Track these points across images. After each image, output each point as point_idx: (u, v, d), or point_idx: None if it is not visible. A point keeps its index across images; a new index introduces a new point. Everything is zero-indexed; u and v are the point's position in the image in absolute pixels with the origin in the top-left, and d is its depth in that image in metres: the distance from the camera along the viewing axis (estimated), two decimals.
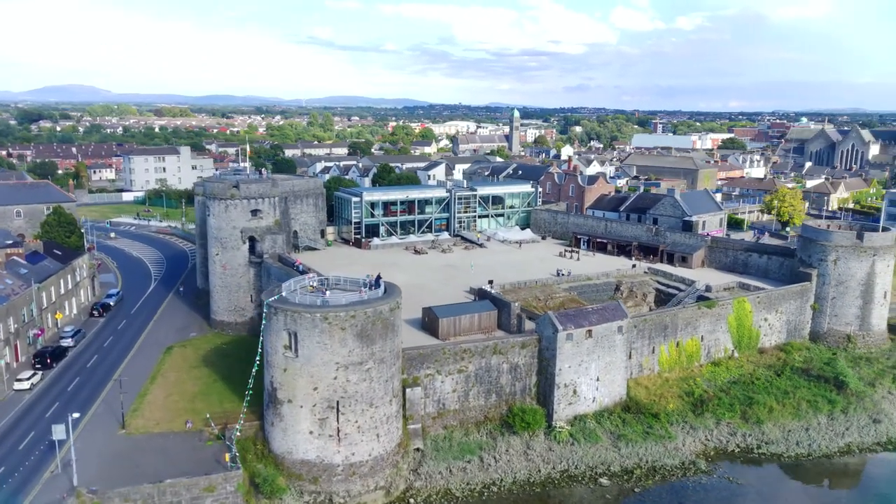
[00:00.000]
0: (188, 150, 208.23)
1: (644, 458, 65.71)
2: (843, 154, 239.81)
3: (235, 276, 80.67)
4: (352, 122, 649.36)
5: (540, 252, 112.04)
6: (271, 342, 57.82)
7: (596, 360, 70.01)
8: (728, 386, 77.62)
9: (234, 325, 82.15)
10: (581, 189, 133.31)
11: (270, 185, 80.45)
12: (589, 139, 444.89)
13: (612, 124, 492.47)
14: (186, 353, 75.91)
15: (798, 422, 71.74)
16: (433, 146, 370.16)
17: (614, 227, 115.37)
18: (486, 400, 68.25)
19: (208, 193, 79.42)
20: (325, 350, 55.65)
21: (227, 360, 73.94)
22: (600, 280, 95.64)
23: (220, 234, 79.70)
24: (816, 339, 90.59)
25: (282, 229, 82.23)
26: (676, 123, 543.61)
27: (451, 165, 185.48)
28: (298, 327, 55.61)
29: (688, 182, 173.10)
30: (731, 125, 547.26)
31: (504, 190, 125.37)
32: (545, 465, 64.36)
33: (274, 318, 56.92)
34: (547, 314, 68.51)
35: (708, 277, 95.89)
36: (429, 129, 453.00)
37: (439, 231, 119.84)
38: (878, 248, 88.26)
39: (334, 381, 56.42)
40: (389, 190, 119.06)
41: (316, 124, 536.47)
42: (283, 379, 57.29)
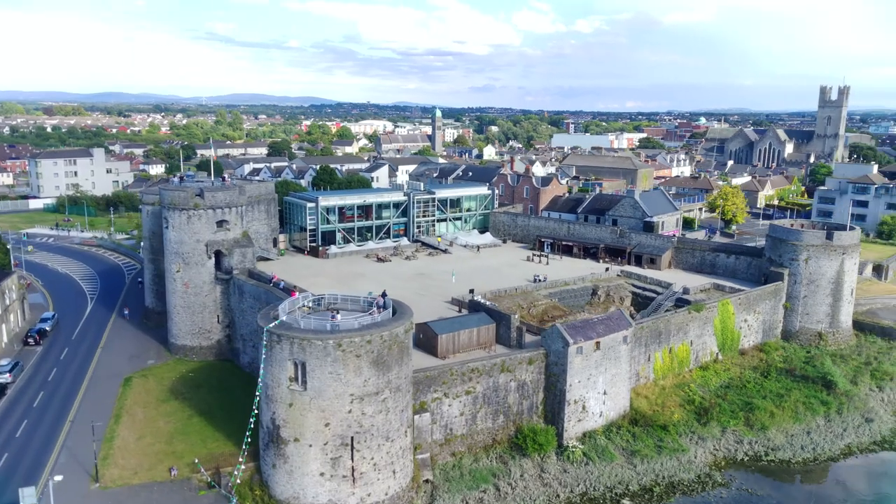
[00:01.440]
0: (102, 153, 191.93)
1: (660, 473, 63.09)
2: (761, 153, 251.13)
3: (200, 294, 72.26)
4: (259, 120, 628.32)
5: (506, 257, 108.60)
6: (273, 374, 50.99)
7: (603, 373, 66.90)
8: (723, 391, 76.54)
9: (199, 350, 73.65)
10: (536, 191, 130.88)
11: (237, 192, 72.56)
12: (507, 139, 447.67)
13: (528, 124, 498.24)
14: (149, 384, 67.15)
15: (798, 425, 71.24)
16: (354, 146, 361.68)
17: (577, 229, 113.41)
18: (493, 422, 63.71)
19: (166, 203, 70.66)
20: (338, 381, 49.47)
21: (199, 392, 65.87)
22: (577, 285, 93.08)
23: (182, 248, 71.15)
24: (789, 338, 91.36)
25: (250, 242, 74.50)
26: (587, 123, 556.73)
27: (394, 167, 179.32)
28: (308, 357, 49.16)
29: (627, 182, 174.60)
30: (637, 125, 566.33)
31: (462, 192, 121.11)
32: (563, 488, 60.53)
33: (277, 346, 50.15)
34: (555, 327, 64.67)
35: (677, 279, 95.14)
36: (346, 129, 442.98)
37: (398, 237, 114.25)
38: (847, 246, 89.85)
39: (348, 414, 50.33)
40: (345, 194, 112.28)
41: (224, 123, 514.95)
42: (289, 415, 50.63)
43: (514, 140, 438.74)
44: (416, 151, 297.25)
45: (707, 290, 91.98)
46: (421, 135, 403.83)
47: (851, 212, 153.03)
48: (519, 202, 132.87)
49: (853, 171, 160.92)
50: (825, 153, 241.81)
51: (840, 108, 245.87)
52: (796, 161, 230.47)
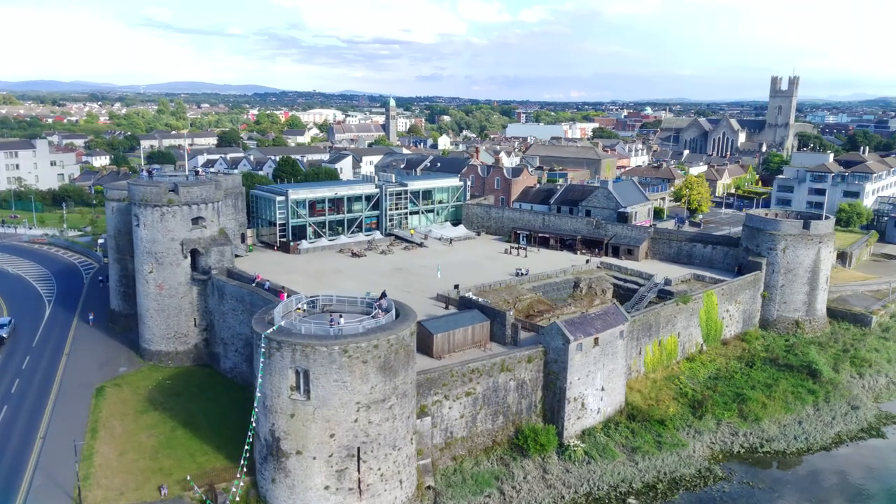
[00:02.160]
0: (45, 144, 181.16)
1: (662, 470, 62.24)
2: (715, 142, 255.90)
3: (175, 296, 67.85)
4: (203, 109, 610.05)
5: (483, 250, 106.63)
6: (272, 384, 47.72)
7: (601, 369, 65.65)
8: (712, 382, 76.48)
9: (175, 355, 69.26)
10: (507, 182, 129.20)
11: (213, 187, 68.27)
12: (460, 129, 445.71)
13: (480, 114, 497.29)
14: (124, 394, 62.70)
15: (790, 415, 71.50)
16: (306, 135, 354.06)
17: (553, 221, 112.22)
18: (493, 423, 61.72)
19: (137, 199, 65.90)
20: (344, 389, 46.59)
21: (179, 401, 61.82)
22: (560, 278, 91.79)
23: (155, 247, 66.57)
24: (766, 327, 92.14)
25: (228, 239, 70.38)
26: (537, 113, 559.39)
27: (357, 158, 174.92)
28: (311, 364, 46.09)
29: (591, 172, 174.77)
30: (585, 114, 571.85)
31: (434, 184, 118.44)
32: (566, 489, 59.05)
33: (277, 354, 46.89)
34: (555, 324, 62.99)
35: (655, 269, 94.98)
36: (296, 118, 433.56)
37: (370, 230, 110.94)
38: (823, 235, 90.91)
39: (354, 424, 47.53)
40: (315, 187, 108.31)
41: (167, 112, 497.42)
42: (290, 427, 47.50)
43: (467, 130, 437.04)
44: (371, 142, 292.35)
45: (688, 281, 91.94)
46: (374, 124, 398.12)
47: (809, 199, 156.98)
48: (490, 193, 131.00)
49: (810, 159, 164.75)
50: (776, 142, 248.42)
51: (790, 97, 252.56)
52: (749, 150, 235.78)
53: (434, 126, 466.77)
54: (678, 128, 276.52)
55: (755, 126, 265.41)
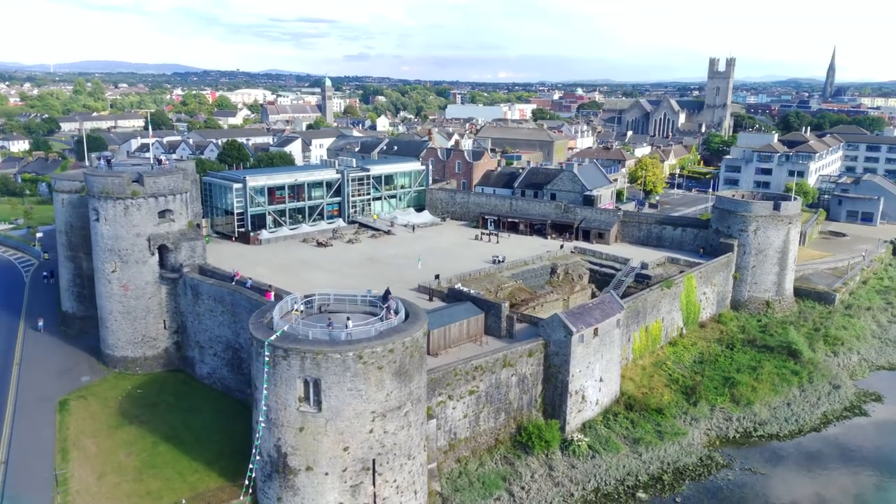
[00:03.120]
0: None
1: (665, 460, 61.15)
2: (657, 123, 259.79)
3: (142, 297, 61.88)
4: (121, 90, 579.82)
5: (452, 236, 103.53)
6: (277, 395, 43.46)
7: (599, 360, 63.96)
8: (699, 367, 76.26)
9: (144, 361, 63.37)
10: (469, 165, 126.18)
11: (181, 176, 62.38)
12: (396, 110, 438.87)
13: (416, 95, 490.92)
14: (92, 407, 56.79)
15: (778, 397, 71.79)
16: (238, 117, 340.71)
17: (520, 205, 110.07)
18: (495, 421, 59.14)
19: (96, 192, 59.45)
20: (358, 398, 42.86)
21: (156, 412, 56.46)
22: (537, 264, 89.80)
23: (118, 244, 60.36)
24: (738, 308, 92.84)
25: (199, 233, 64.74)
26: (472, 93, 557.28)
27: (307, 141, 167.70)
28: (323, 373, 42.12)
29: (543, 154, 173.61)
30: (518, 95, 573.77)
31: (396, 168, 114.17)
32: (574, 486, 57.12)
33: (283, 363, 42.64)
34: (556, 315, 60.65)
35: (626, 253, 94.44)
36: (225, 98, 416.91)
37: (331, 218, 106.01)
38: (792, 216, 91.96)
39: (369, 435, 43.93)
40: (273, 173, 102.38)
41: (84, 93, 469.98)
42: (299, 441, 43.48)
43: (404, 111, 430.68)
44: (310, 123, 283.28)
45: (663, 265, 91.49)
46: (308, 105, 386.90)
47: (756, 179, 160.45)
48: (451, 177, 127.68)
49: (756, 140, 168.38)
50: (715, 122, 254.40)
51: (728, 78, 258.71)
52: (689, 131, 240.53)
53: (370, 107, 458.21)
54: (620, 109, 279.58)
55: (694, 107, 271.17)
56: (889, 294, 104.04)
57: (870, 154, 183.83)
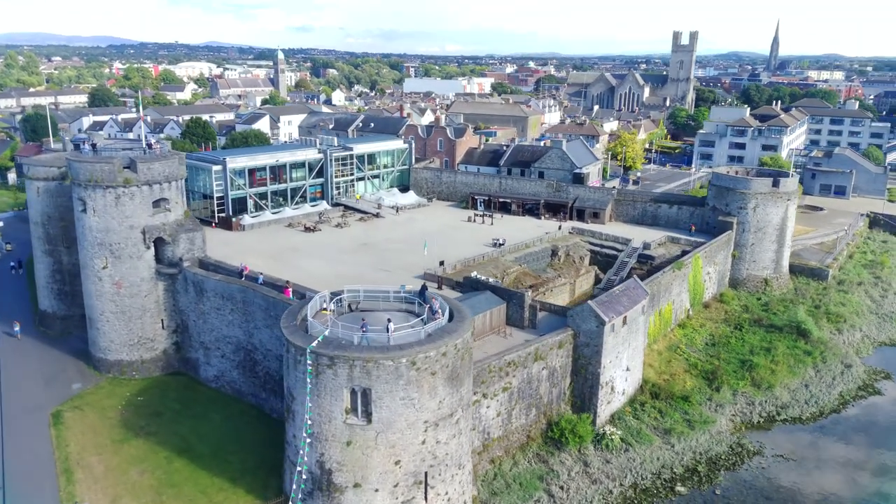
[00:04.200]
0: None
1: (697, 450, 59.35)
2: (622, 97, 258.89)
3: (138, 295, 56.21)
4: (55, 63, 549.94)
5: (444, 218, 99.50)
6: (321, 407, 39.31)
7: (627, 349, 61.54)
8: (713, 350, 74.86)
9: (141, 365, 57.86)
10: (451, 143, 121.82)
11: (176, 161, 56.56)
12: (349, 83, 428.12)
13: (370, 68, 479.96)
14: (89, 419, 51.37)
15: (796, 379, 70.86)
16: (186, 91, 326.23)
17: (510, 184, 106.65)
18: (527, 417, 56.16)
19: (83, 179, 53.30)
20: (411, 407, 39.10)
21: (162, 422, 51.45)
22: (538, 247, 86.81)
23: (110, 237, 54.48)
24: (736, 286, 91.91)
25: (197, 224, 59.21)
26: (425, 67, 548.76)
27: (275, 118, 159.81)
28: (374, 382, 38.13)
29: (518, 130, 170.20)
30: (472, 69, 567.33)
31: (379, 147, 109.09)
32: (612, 482, 54.77)
33: (328, 372, 38.45)
34: (587, 304, 57.67)
35: (622, 232, 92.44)
36: (170, 72, 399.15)
37: (314, 200, 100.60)
38: (790, 192, 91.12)
39: (422, 446, 40.28)
40: (253, 153, 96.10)
41: (16, 66, 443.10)
42: (346, 456, 39.51)
43: (358, 84, 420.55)
44: (265, 98, 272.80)
45: (664, 244, 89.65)
46: (257, 78, 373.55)
47: (730, 154, 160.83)
48: (432, 156, 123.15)
49: (728, 114, 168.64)
50: (679, 96, 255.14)
51: (691, 52, 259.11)
52: (654, 105, 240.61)
53: (321, 80, 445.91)
54: (585, 83, 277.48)
55: (658, 81, 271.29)
56: (875, 268, 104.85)
57: (833, 127, 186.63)
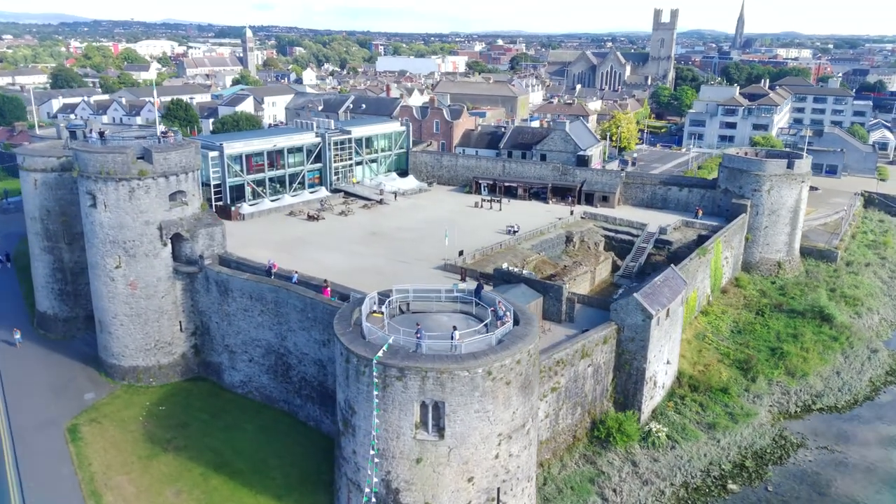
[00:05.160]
0: None
1: (741, 444, 57.61)
2: (604, 76, 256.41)
3: (154, 296, 51.78)
4: (6, 41, 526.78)
5: (449, 204, 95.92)
6: (387, 421, 35.97)
7: (668, 341, 59.32)
8: (740, 338, 73.20)
9: (158, 371, 53.54)
10: (448, 125, 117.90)
11: (193, 150, 51.99)
12: (318, 62, 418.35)
13: (339, 46, 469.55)
14: (109, 432, 47.15)
15: (827, 366, 69.67)
16: (151, 71, 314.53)
17: (514, 168, 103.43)
18: (572, 417, 53.58)
19: (93, 171, 48.49)
20: (485, 420, 36.03)
21: (190, 434, 47.50)
22: (553, 234, 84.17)
23: (123, 234, 49.87)
24: (749, 270, 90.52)
25: (216, 217, 54.83)
26: (395, 45, 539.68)
27: (258, 99, 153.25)
28: (448, 394, 34.93)
29: (506, 110, 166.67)
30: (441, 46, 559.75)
31: (376, 130, 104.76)
32: (662, 482, 52.65)
33: (397, 384, 35.10)
34: (633, 297, 55.00)
35: (632, 216, 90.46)
36: (132, 51, 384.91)
37: (313, 186, 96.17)
38: (804, 174, 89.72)
39: (495, 461, 37.29)
40: (249, 138, 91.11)
41: None
42: (415, 475, 36.34)
43: (327, 63, 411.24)
44: (235, 78, 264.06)
45: (679, 228, 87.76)
46: (221, 56, 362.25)
47: (721, 133, 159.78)
48: (428, 138, 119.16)
49: (718, 93, 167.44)
50: (660, 75, 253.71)
51: (672, 30, 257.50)
52: (636, 84, 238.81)
53: (289, 59, 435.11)
54: (566, 62, 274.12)
55: (639, 59, 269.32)
56: (879, 248, 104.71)
57: (816, 106, 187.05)
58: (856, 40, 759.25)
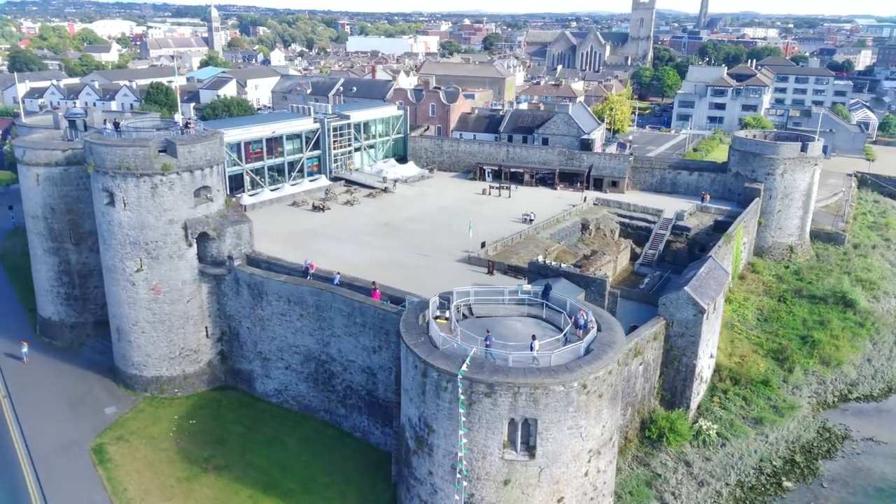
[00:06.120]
0: None
1: (789, 439, 56.13)
2: (584, 56, 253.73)
3: (179, 301, 47.61)
4: None
5: (455, 192, 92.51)
6: (474, 441, 32.97)
7: (712, 335, 57.36)
8: (768, 326, 71.84)
9: (183, 380, 49.47)
10: (445, 108, 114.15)
11: (218, 141, 47.68)
12: (285, 43, 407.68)
13: (305, 25, 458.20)
14: (140, 452, 43.16)
15: (858, 354, 68.75)
16: (112, 52, 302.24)
17: (518, 153, 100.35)
18: (624, 417, 51.11)
19: (111, 166, 43.94)
20: (577, 437, 33.33)
21: (229, 450, 43.79)
22: (569, 221, 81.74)
23: (145, 235, 45.52)
24: (761, 255, 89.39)
25: (243, 215, 50.75)
26: (361, 24, 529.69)
27: (241, 82, 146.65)
28: (541, 410, 32.08)
29: (494, 92, 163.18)
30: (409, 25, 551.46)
31: (374, 114, 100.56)
32: (717, 482, 50.85)
33: (485, 401, 32.10)
34: (684, 291, 52.64)
35: (642, 201, 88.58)
36: (90, 31, 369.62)
37: (312, 174, 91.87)
38: (817, 157, 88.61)
39: (585, 479, 34.68)
40: (246, 124, 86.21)
41: None
42: (503, 497, 33.55)
43: (294, 43, 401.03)
44: (203, 59, 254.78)
45: (694, 214, 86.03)
46: (191, 38, 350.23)
47: (710, 115, 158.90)
48: (423, 122, 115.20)
49: (705, 74, 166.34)
50: (640, 55, 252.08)
51: (651, 9, 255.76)
52: (616, 65, 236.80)
53: (253, 39, 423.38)
54: (545, 42, 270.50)
55: (618, 39, 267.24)
56: (881, 230, 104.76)
57: (798, 86, 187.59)
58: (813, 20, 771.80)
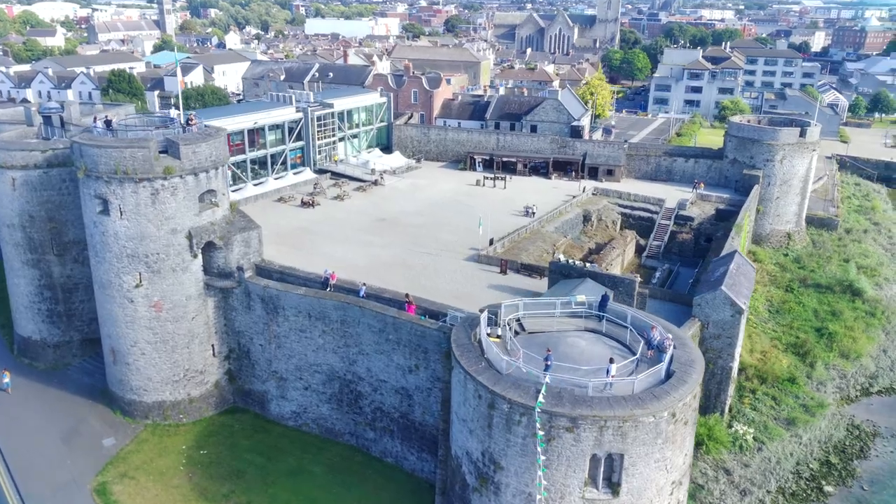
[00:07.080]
0: None
1: (821, 439, 54.37)
2: (552, 39, 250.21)
3: (183, 318, 42.69)
4: None
5: (448, 183, 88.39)
6: (551, 479, 29.48)
7: (741, 333, 54.89)
8: (780, 318, 70.22)
9: (188, 405, 44.64)
10: (428, 94, 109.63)
11: (222, 140, 42.74)
12: (239, 26, 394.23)
13: (259, 7, 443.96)
14: (149, 491, 38.45)
15: (873, 345, 67.55)
16: (58, 37, 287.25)
17: (509, 141, 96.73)
18: None
19: (103, 170, 38.64)
20: (662, 469, 30.20)
21: (250, 484, 39.44)
22: (572, 213, 78.74)
23: (145, 247, 40.42)
24: (759, 242, 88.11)
25: (251, 220, 45.85)
26: (316, 6, 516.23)
27: (208, 69, 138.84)
28: (629, 445, 28.75)
29: (469, 76, 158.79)
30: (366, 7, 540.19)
31: (357, 102, 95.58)
32: (759, 489, 48.66)
33: (566, 436, 28.65)
34: (720, 290, 49.96)
35: (638, 189, 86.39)
36: (32, 14, 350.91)
37: (295, 167, 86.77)
38: (815, 142, 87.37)
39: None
40: (226, 114, 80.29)
41: None
42: None
43: (248, 25, 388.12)
44: (156, 44, 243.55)
45: (696, 203, 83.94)
46: (139, 20, 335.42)
47: (687, 98, 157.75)
48: (405, 109, 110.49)
49: (681, 56, 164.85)
50: (608, 38, 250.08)
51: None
52: (585, 48, 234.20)
53: (206, 21, 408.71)
54: (513, 24, 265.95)
55: (586, 22, 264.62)
56: (869, 213, 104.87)
57: (767, 68, 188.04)
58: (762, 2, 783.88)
